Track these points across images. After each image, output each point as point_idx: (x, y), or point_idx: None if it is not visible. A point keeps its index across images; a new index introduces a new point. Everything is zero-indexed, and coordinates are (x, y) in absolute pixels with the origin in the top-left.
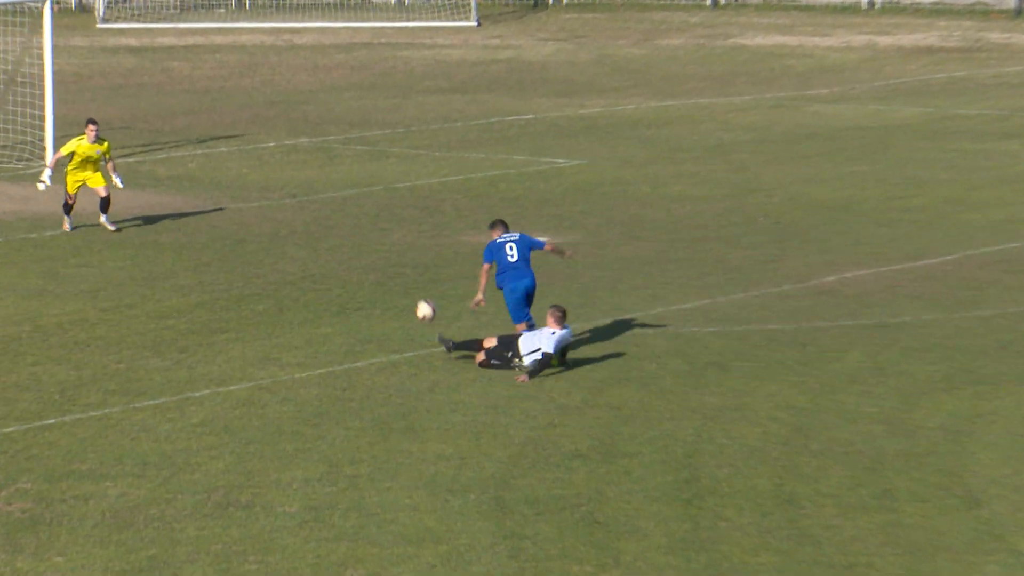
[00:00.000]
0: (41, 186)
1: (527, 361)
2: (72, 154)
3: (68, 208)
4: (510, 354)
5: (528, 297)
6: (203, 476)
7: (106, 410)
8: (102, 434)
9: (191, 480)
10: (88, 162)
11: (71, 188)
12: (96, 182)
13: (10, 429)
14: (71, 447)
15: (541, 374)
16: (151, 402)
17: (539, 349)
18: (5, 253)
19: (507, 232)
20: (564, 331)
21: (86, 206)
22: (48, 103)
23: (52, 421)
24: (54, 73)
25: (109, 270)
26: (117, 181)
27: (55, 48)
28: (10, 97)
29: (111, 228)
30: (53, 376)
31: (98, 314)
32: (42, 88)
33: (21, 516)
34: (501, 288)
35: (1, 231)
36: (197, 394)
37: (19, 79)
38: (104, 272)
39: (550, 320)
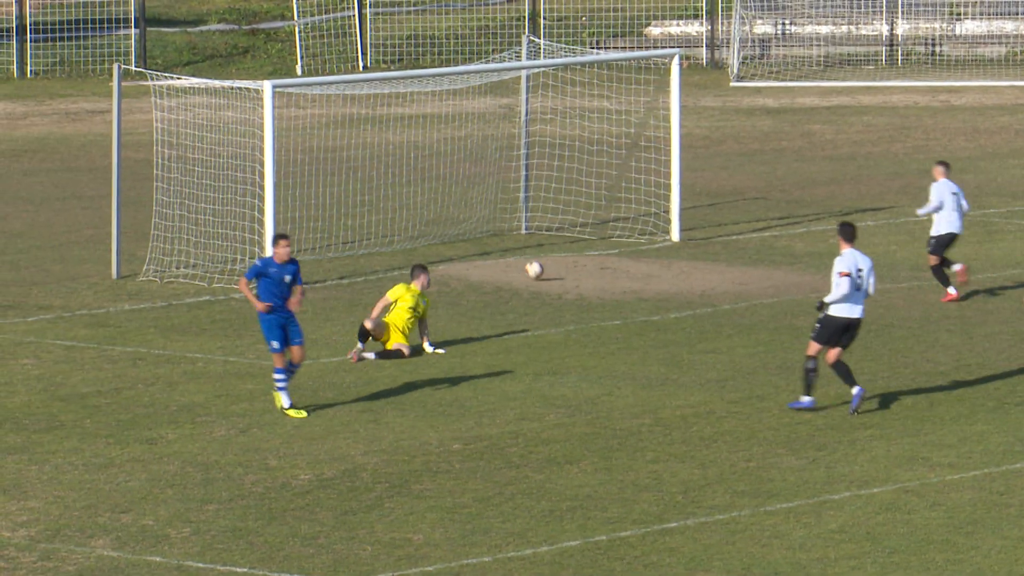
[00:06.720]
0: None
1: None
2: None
3: (366, 333)
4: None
5: None
6: None
7: (733, 513)
8: (729, 540)
9: None
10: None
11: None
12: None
13: (627, 533)
14: (694, 554)
15: None
16: (784, 505)
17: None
18: (625, 337)
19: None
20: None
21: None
22: (675, 170)
23: (674, 524)
24: (681, 137)
25: (739, 357)
26: (428, 347)
27: (683, 109)
28: (632, 163)
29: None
30: (675, 475)
31: (726, 406)
32: (668, 154)
33: None
34: None
35: (620, 312)
36: (835, 497)
37: (643, 143)
38: (733, 359)
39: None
